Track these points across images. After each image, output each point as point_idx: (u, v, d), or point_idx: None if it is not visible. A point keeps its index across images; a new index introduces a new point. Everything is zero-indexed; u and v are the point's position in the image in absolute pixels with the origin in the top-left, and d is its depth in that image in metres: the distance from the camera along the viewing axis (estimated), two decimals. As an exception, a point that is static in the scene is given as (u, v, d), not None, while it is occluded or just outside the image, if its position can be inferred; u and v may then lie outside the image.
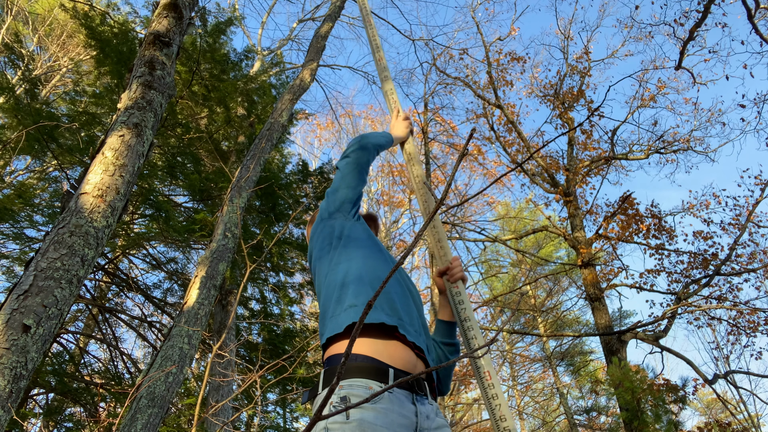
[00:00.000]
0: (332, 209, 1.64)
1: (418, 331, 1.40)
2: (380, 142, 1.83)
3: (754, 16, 8.32)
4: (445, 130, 14.37)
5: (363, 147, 1.73)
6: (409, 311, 1.42)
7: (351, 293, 1.37)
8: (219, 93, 7.50)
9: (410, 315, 1.41)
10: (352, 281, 1.41)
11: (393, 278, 1.49)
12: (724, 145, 15.78)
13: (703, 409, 17.50)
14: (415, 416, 1.23)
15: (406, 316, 1.38)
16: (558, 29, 13.90)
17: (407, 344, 1.33)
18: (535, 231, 12.39)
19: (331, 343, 1.34)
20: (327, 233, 1.59)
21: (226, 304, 6.66)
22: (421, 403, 1.28)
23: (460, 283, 1.60)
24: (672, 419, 7.18)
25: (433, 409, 1.33)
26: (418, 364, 1.36)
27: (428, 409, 1.30)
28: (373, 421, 1.12)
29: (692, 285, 9.81)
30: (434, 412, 1.32)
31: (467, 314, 1.50)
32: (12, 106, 5.99)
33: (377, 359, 1.27)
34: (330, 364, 1.31)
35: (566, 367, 16.88)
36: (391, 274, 0.62)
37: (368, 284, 1.40)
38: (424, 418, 1.26)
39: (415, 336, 1.35)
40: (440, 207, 1.64)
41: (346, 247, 1.52)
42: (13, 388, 1.96)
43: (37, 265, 2.24)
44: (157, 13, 3.40)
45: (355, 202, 1.66)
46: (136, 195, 6.57)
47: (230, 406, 5.95)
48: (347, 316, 1.32)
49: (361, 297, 1.36)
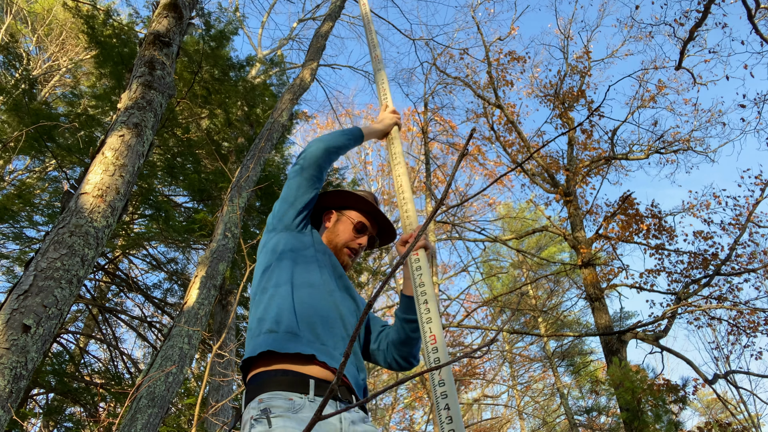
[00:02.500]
0: (275, 221, 1.61)
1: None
2: (336, 142, 1.67)
3: (754, 16, 8.32)
4: (445, 129, 14.38)
5: (311, 152, 1.62)
6: (334, 334, 1.40)
7: (272, 316, 1.37)
8: (220, 96, 7.51)
9: (335, 338, 1.40)
10: (275, 305, 1.40)
11: (323, 298, 1.46)
12: (724, 146, 15.79)
13: (703, 409, 17.50)
14: (339, 422, 1.26)
15: (330, 340, 1.37)
16: (558, 29, 13.91)
17: (329, 369, 1.32)
18: (535, 231, 12.40)
19: (250, 365, 1.35)
20: (269, 248, 1.58)
21: (226, 304, 6.66)
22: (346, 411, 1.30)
23: (422, 251, 1.53)
24: (672, 419, 7.18)
25: (360, 416, 1.34)
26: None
27: (354, 416, 1.31)
28: (295, 428, 1.15)
29: (692, 285, 9.81)
30: (361, 419, 1.34)
31: (423, 280, 1.47)
32: (11, 106, 5.99)
33: (297, 371, 1.28)
34: (252, 383, 1.32)
35: (566, 367, 16.88)
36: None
37: (292, 310, 1.39)
38: (348, 424, 1.27)
39: (337, 360, 1.35)
40: (440, 207, 1.62)
41: (278, 266, 1.51)
42: (13, 388, 1.96)
43: (37, 265, 2.24)
44: (157, 13, 3.40)
45: (301, 210, 1.59)
46: (136, 195, 6.57)
47: (230, 406, 5.95)
48: (264, 341, 1.32)
49: (284, 322, 1.35)
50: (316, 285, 1.48)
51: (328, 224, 1.75)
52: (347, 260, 1.69)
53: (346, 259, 1.68)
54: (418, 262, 1.52)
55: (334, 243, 1.68)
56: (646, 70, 12.46)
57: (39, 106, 6.17)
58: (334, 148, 1.66)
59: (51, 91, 11.44)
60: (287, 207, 1.59)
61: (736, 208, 10.58)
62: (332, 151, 1.65)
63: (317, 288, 1.47)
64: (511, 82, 12.55)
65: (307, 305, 1.41)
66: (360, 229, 1.71)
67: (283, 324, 1.35)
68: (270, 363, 1.30)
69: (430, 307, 1.41)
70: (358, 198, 1.73)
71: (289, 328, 1.34)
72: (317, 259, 1.55)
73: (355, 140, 1.76)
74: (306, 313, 1.39)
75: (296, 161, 1.66)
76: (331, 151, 1.64)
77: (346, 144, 1.71)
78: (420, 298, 1.44)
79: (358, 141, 1.77)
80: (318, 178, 1.61)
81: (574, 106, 12.19)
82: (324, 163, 1.62)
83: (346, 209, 1.75)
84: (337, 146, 1.67)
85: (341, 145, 1.69)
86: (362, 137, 1.79)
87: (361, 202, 1.74)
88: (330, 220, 1.75)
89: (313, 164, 1.60)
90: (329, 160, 1.64)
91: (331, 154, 1.64)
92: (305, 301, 1.42)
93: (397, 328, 1.59)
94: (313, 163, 1.60)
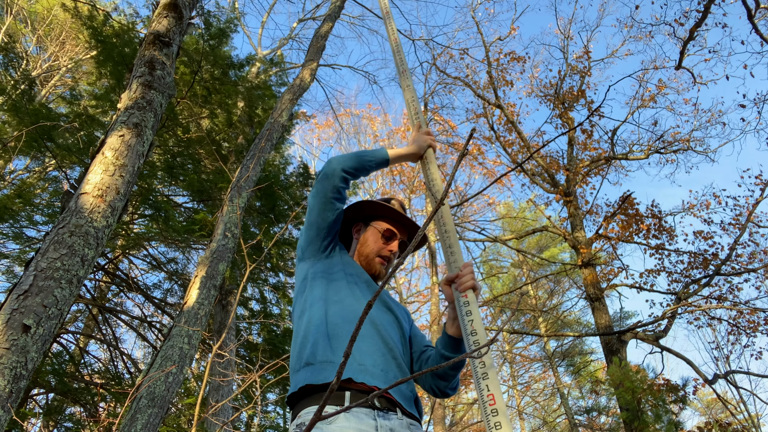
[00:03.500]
0: (302, 250, 1.63)
1: (385, 369, 1.39)
2: (355, 164, 1.59)
3: (754, 16, 8.32)
4: (445, 129, 14.38)
5: (327, 174, 1.58)
6: (372, 350, 1.41)
7: (309, 348, 1.39)
8: (220, 95, 7.51)
9: (373, 355, 1.40)
10: (311, 333, 1.42)
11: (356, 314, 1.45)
12: (724, 145, 15.80)
13: (703, 409, 17.50)
14: (375, 430, 1.26)
15: (368, 358, 1.38)
16: (558, 29, 13.92)
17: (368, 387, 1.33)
18: (535, 231, 12.39)
19: (294, 402, 1.38)
20: (301, 277, 1.61)
21: (226, 304, 6.66)
22: (384, 418, 1.30)
23: (470, 293, 1.41)
24: (672, 419, 7.18)
25: (404, 423, 1.34)
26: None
27: (395, 423, 1.31)
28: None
29: (692, 285, 9.81)
30: (404, 425, 1.33)
31: (475, 327, 1.33)
32: (11, 106, 6.00)
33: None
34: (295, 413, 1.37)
35: (566, 367, 16.89)
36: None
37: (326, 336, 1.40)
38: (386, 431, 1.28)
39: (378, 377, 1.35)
40: (440, 207, 1.60)
41: (311, 288, 1.53)
42: (13, 388, 1.96)
43: (37, 265, 2.24)
44: (157, 13, 3.40)
45: (326, 235, 1.59)
46: (136, 195, 6.57)
47: (230, 406, 5.95)
48: (303, 377, 1.35)
49: (319, 351, 1.37)
50: (348, 302, 1.48)
51: (356, 236, 1.77)
52: (380, 269, 1.68)
53: (379, 268, 1.68)
54: (468, 306, 1.39)
55: (365, 254, 1.69)
56: (646, 70, 12.46)
57: (39, 106, 6.17)
58: (352, 171, 1.58)
59: (51, 91, 11.44)
60: (312, 235, 1.60)
61: (736, 208, 10.59)
62: (350, 174, 1.58)
63: (349, 305, 1.48)
64: (511, 82, 12.55)
65: (341, 326, 1.42)
66: (389, 237, 1.71)
67: (319, 354, 1.37)
68: (312, 393, 1.33)
69: (485, 361, 1.26)
70: (383, 207, 1.73)
71: (324, 357, 1.36)
72: (346, 277, 1.56)
73: (378, 164, 1.65)
74: (340, 335, 1.40)
75: (315, 183, 1.63)
76: (348, 173, 1.58)
77: (367, 167, 1.62)
78: (471, 345, 1.31)
79: (381, 164, 1.66)
80: (337, 199, 1.58)
81: (574, 106, 12.19)
82: (342, 184, 1.57)
83: (374, 219, 1.75)
84: (355, 168, 1.59)
85: (360, 167, 1.60)
86: (388, 161, 1.67)
87: (387, 210, 1.73)
88: (358, 231, 1.77)
89: (331, 187, 1.56)
90: (347, 182, 1.59)
91: (349, 177, 1.58)
92: (338, 322, 1.43)
93: (436, 361, 1.54)
94: (331, 187, 1.56)
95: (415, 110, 1.86)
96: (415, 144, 1.73)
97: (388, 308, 1.57)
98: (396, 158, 1.69)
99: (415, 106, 1.87)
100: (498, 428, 1.17)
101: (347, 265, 1.61)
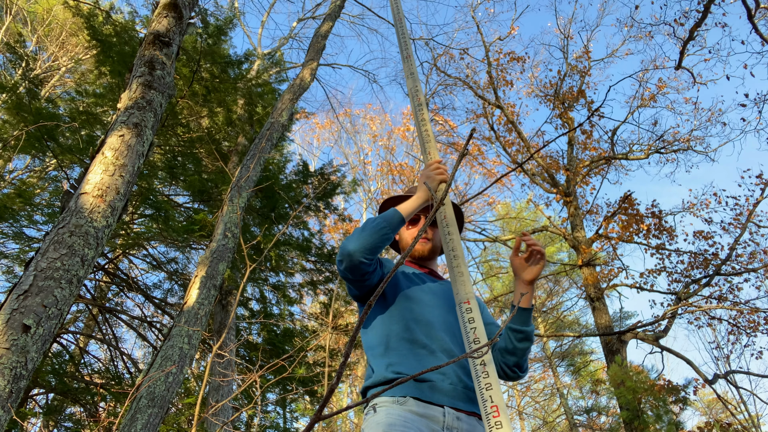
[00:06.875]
0: (354, 295, 1.73)
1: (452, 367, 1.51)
2: (373, 242, 1.52)
3: (754, 16, 8.32)
4: (445, 129, 14.37)
5: (348, 269, 1.55)
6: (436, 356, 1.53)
7: (383, 357, 1.56)
8: (219, 94, 7.50)
9: (437, 358, 1.52)
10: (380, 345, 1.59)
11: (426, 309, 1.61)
12: (724, 145, 15.77)
13: (703, 409, 17.50)
14: (443, 416, 1.41)
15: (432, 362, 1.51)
16: (558, 28, 13.90)
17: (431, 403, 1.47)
18: (535, 231, 12.38)
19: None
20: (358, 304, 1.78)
21: (226, 304, 6.66)
22: (452, 417, 1.42)
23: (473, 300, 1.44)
24: (672, 419, 7.18)
25: (471, 421, 1.44)
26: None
27: (461, 424, 1.41)
28: (400, 414, 1.36)
29: (692, 285, 9.81)
30: (471, 425, 1.43)
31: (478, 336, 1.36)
32: (12, 105, 5.99)
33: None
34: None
35: (566, 367, 16.89)
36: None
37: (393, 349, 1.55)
38: (453, 419, 1.41)
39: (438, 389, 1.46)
40: (440, 207, 1.60)
41: (373, 310, 1.67)
42: (13, 388, 1.96)
43: (37, 265, 2.24)
44: (157, 13, 3.40)
45: (364, 286, 1.63)
46: (136, 195, 6.57)
47: (230, 406, 5.95)
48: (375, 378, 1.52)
49: (393, 359, 1.53)
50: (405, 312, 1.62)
51: (396, 236, 1.86)
52: (423, 249, 1.81)
53: (421, 248, 1.81)
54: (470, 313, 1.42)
55: (406, 248, 1.82)
56: (646, 70, 12.45)
57: (40, 105, 6.16)
58: (370, 249, 1.52)
59: (51, 90, 11.44)
60: (354, 293, 1.69)
61: (737, 207, 10.58)
62: (368, 252, 1.52)
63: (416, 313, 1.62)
64: (510, 82, 12.55)
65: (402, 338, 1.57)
66: (413, 220, 1.86)
67: (394, 359, 1.53)
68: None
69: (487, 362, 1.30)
70: (399, 199, 1.84)
71: (396, 372, 1.49)
72: (399, 283, 1.70)
73: (393, 229, 1.57)
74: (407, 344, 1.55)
75: (340, 274, 1.63)
76: (367, 252, 1.52)
77: (386, 238, 1.55)
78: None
79: (397, 228, 1.59)
80: (365, 272, 1.56)
81: (574, 106, 12.18)
82: (364, 260, 1.52)
83: None
84: (373, 247, 1.53)
85: (380, 243, 1.54)
86: (403, 220, 1.61)
87: (403, 199, 1.81)
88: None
89: (354, 269, 1.54)
90: (368, 259, 1.54)
91: (367, 255, 1.52)
92: (400, 335, 1.57)
93: (504, 337, 1.58)
94: (354, 269, 1.54)
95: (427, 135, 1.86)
96: (422, 191, 1.66)
97: (451, 307, 1.67)
98: (410, 213, 1.63)
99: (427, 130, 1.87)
100: (498, 428, 1.17)
101: (395, 284, 1.72)
